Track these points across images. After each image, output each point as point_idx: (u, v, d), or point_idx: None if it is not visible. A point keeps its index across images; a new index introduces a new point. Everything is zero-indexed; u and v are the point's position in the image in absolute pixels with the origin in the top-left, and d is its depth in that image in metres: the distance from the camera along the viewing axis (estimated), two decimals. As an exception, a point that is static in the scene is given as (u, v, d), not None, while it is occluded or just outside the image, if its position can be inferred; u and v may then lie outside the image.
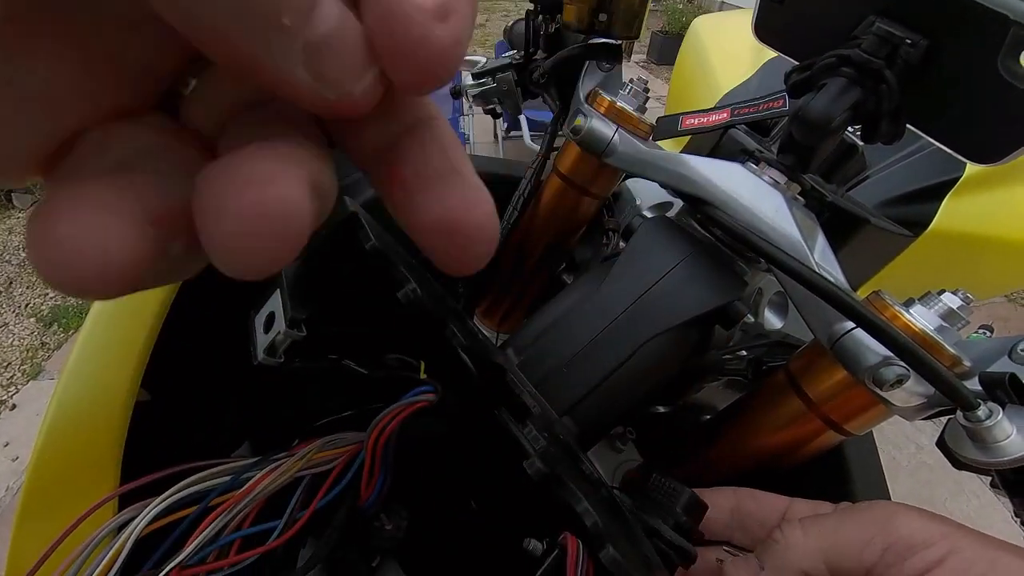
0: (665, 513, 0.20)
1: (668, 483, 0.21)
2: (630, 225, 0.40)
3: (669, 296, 0.29)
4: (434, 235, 0.10)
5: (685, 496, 0.21)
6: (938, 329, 0.24)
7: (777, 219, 0.29)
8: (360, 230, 0.20)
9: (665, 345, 0.28)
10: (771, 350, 0.34)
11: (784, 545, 0.21)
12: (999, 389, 0.23)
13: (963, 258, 0.57)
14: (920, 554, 0.19)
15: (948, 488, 1.24)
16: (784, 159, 0.30)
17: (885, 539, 0.19)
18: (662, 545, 0.20)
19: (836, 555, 0.20)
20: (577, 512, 0.14)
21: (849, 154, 0.39)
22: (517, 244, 0.42)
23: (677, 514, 0.20)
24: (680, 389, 0.39)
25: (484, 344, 0.23)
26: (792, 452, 0.29)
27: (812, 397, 0.27)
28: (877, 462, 0.36)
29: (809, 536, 0.21)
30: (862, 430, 0.27)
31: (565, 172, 0.38)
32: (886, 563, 0.19)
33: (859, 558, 0.20)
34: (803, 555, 0.20)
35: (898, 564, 0.19)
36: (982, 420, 0.22)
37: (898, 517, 0.20)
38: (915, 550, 0.19)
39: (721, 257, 0.31)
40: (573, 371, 0.28)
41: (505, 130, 2.36)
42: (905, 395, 0.24)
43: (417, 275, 0.21)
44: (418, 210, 0.10)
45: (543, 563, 0.17)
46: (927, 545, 0.19)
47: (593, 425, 0.28)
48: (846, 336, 0.26)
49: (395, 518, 0.23)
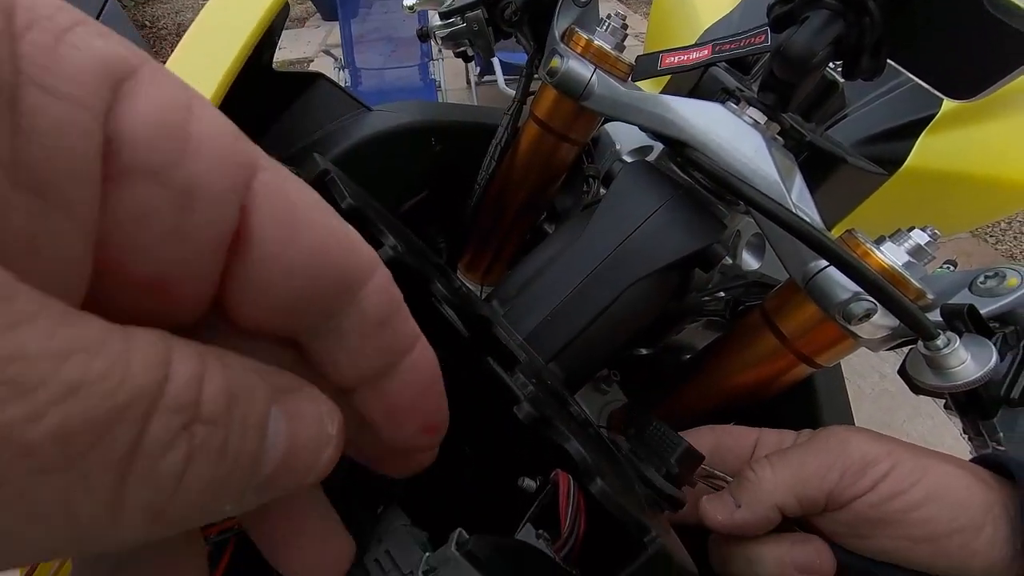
0: (659, 461, 0.21)
1: (665, 432, 0.22)
2: (610, 171, 0.39)
3: (650, 241, 0.29)
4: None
5: (681, 448, 0.21)
6: (906, 265, 0.25)
7: (756, 160, 0.29)
8: (334, 188, 0.20)
9: (647, 290, 0.29)
10: (748, 290, 0.35)
11: (757, 483, 0.23)
12: (958, 320, 0.24)
13: (934, 195, 0.58)
14: (869, 473, 0.21)
15: (906, 412, 1.34)
16: (764, 98, 0.30)
17: (842, 464, 0.22)
18: (652, 493, 0.21)
19: (802, 486, 0.22)
20: (567, 450, 0.15)
21: (829, 92, 0.38)
22: (496, 195, 0.41)
23: (671, 464, 0.21)
24: (661, 331, 0.40)
25: (469, 297, 0.23)
26: (767, 385, 0.31)
27: (786, 333, 0.29)
28: (843, 391, 0.38)
29: (778, 472, 0.23)
30: (831, 362, 0.29)
31: (542, 118, 0.37)
32: (843, 485, 0.21)
33: (821, 485, 0.22)
34: (774, 490, 0.22)
35: (852, 484, 0.21)
36: (940, 348, 0.24)
37: (850, 442, 0.22)
38: (865, 469, 0.21)
39: (701, 200, 0.31)
40: (558, 319, 0.28)
41: (478, 75, 2.25)
42: (872, 328, 0.26)
43: (397, 231, 0.20)
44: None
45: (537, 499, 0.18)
46: (875, 463, 0.21)
47: (579, 370, 0.29)
48: (819, 274, 0.26)
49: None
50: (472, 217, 0.41)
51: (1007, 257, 1.75)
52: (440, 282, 0.20)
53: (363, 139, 0.41)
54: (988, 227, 1.81)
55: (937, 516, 0.20)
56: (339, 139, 0.42)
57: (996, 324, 0.25)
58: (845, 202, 0.53)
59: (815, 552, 0.22)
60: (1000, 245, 1.79)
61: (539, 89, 0.37)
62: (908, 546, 0.20)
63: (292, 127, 0.44)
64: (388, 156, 0.43)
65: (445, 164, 0.45)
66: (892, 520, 0.21)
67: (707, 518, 0.24)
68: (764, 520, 0.23)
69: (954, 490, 0.20)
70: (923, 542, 0.20)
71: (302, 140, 0.43)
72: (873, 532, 0.21)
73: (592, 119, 0.37)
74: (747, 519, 0.23)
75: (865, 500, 0.21)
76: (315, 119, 0.44)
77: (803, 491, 0.22)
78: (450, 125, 0.45)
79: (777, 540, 0.23)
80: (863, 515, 0.21)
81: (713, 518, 0.23)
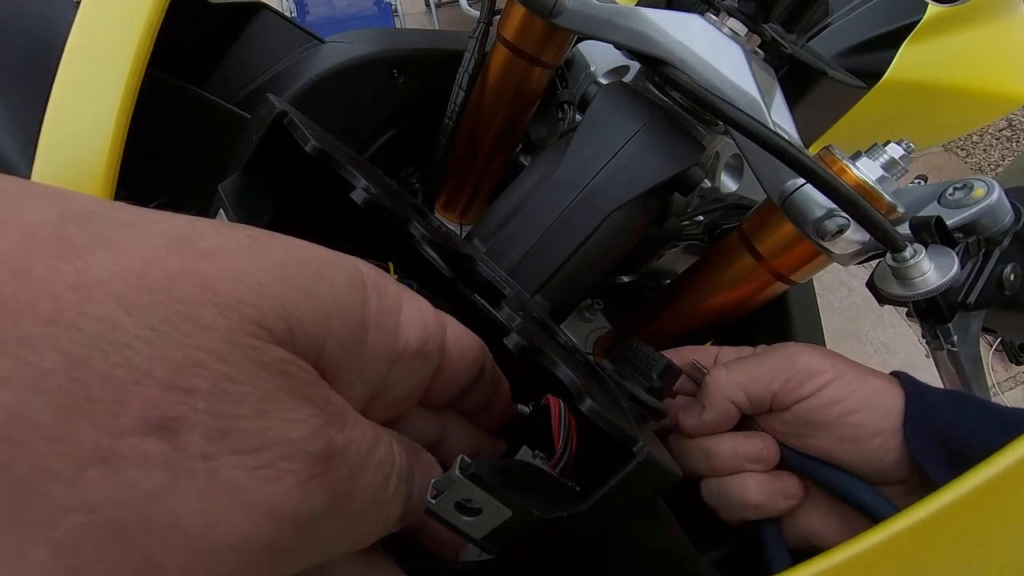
0: (642, 378, 0.23)
1: (647, 351, 0.24)
2: (585, 95, 0.38)
3: (629, 168, 0.29)
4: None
5: (661, 364, 0.23)
6: (879, 179, 0.25)
7: (735, 76, 0.28)
8: (294, 130, 0.18)
9: (628, 217, 0.29)
10: (727, 213, 0.35)
11: (714, 384, 0.26)
12: (925, 232, 0.25)
13: (912, 107, 0.58)
14: (812, 381, 0.24)
15: (871, 322, 1.42)
16: (745, 7, 0.28)
17: (788, 371, 0.24)
18: (637, 407, 0.22)
19: (752, 384, 0.25)
20: (557, 375, 0.16)
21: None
22: (468, 129, 0.40)
23: (653, 379, 0.23)
24: (642, 258, 0.40)
25: (450, 237, 0.23)
26: (744, 304, 0.32)
27: (763, 253, 0.29)
28: (815, 306, 0.40)
29: (731, 374, 0.25)
30: (805, 279, 0.30)
31: (511, 39, 0.35)
32: (787, 388, 0.24)
33: (768, 386, 0.24)
34: (727, 388, 0.25)
35: (796, 388, 0.24)
36: (907, 260, 0.25)
37: (799, 355, 0.25)
38: (809, 377, 0.24)
39: (679, 122, 0.30)
40: (540, 252, 0.28)
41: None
42: (845, 243, 0.26)
43: (367, 172, 0.19)
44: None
45: (531, 422, 0.19)
46: (819, 373, 0.24)
47: (564, 300, 0.30)
48: (796, 193, 0.27)
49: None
50: (444, 154, 0.39)
51: (976, 170, 1.78)
52: (419, 223, 0.19)
53: (318, 76, 0.38)
54: (959, 140, 1.83)
55: (865, 421, 0.23)
56: (291, 78, 0.38)
57: (960, 235, 0.26)
58: (825, 116, 0.53)
59: (762, 444, 0.25)
60: (970, 159, 1.82)
61: (505, 8, 0.35)
62: (836, 445, 0.24)
63: (237, 68, 0.40)
64: (347, 93, 0.39)
65: (411, 98, 0.42)
66: (828, 423, 0.23)
67: (683, 427, 0.27)
68: (724, 415, 0.25)
69: (882, 400, 0.23)
70: (849, 442, 0.23)
71: (250, 82, 0.39)
72: (811, 432, 0.24)
73: (564, 38, 0.35)
74: (710, 418, 0.26)
75: (806, 404, 0.24)
76: (262, 57, 0.40)
77: (752, 389, 0.25)
78: (412, 54, 0.41)
79: (731, 435, 0.26)
80: (803, 417, 0.24)
81: (687, 424, 0.26)
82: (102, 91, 0.25)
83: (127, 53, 0.26)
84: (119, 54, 0.26)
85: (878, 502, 0.23)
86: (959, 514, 0.17)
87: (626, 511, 0.15)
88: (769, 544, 0.25)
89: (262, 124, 0.19)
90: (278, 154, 0.20)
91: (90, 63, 0.26)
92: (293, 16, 1.90)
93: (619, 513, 0.15)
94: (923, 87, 0.55)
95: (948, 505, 0.17)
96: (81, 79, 0.26)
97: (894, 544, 0.17)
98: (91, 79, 0.26)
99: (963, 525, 0.17)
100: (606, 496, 0.14)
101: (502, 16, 0.35)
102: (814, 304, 0.40)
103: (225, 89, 0.38)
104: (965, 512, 0.17)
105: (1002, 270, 0.27)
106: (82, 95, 0.25)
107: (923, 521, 0.17)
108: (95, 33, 0.26)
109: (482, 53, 0.37)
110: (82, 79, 0.26)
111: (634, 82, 0.33)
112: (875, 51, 0.52)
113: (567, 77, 0.40)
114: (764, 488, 0.25)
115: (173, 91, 0.34)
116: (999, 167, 1.78)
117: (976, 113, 0.69)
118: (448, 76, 0.37)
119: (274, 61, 0.40)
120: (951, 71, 0.56)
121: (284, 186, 0.21)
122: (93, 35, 0.26)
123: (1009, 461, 0.16)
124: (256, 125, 0.20)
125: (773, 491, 0.25)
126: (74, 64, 0.26)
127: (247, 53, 0.40)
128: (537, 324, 0.20)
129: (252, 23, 0.40)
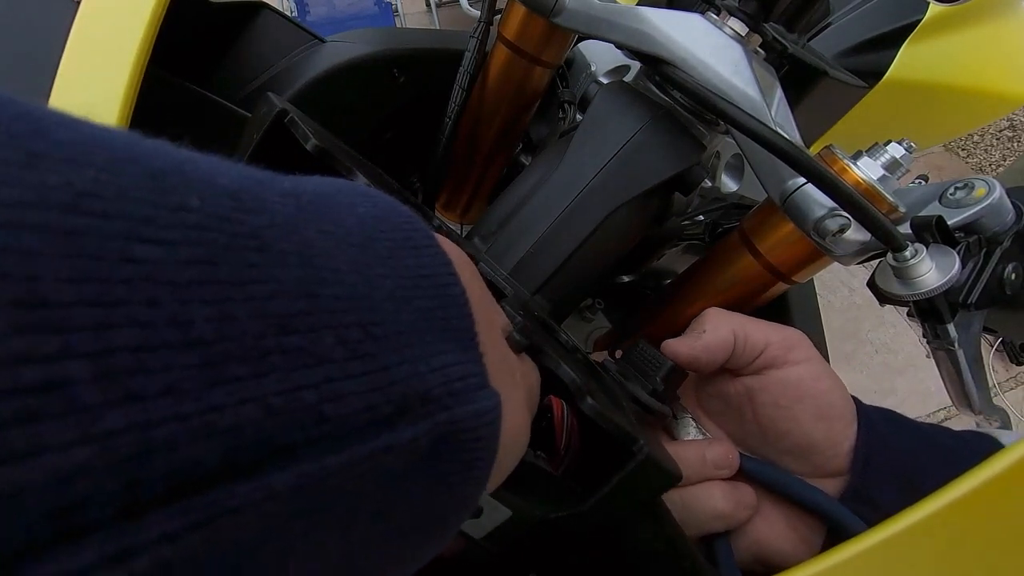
0: (645, 380, 0.23)
1: (651, 352, 0.24)
2: (586, 94, 0.38)
3: (629, 167, 0.29)
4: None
5: (667, 367, 0.23)
6: (880, 179, 0.25)
7: (736, 76, 0.28)
8: (295, 129, 0.19)
9: (628, 216, 0.29)
10: (727, 212, 0.35)
11: (717, 312, 0.27)
12: (926, 231, 0.25)
13: (913, 107, 0.58)
14: (798, 350, 0.25)
15: (871, 322, 1.42)
16: (746, 6, 0.28)
17: (783, 334, 0.26)
18: (639, 408, 0.22)
19: (751, 328, 0.26)
20: (558, 375, 0.16)
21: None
22: (468, 128, 0.40)
23: (656, 382, 0.22)
24: (642, 258, 0.40)
25: (450, 235, 0.23)
26: (745, 304, 0.32)
27: (763, 253, 0.29)
28: (815, 305, 0.40)
29: (735, 315, 0.27)
30: (806, 278, 0.30)
31: (512, 39, 0.35)
32: (781, 347, 0.25)
33: (766, 336, 0.25)
34: (732, 318, 0.26)
35: (784, 353, 0.25)
36: (908, 259, 0.24)
37: (792, 330, 0.27)
38: (792, 348, 0.25)
39: (680, 121, 0.30)
40: (541, 251, 0.28)
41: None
42: (846, 243, 0.26)
43: (368, 172, 0.19)
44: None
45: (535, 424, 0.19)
46: (807, 349, 0.26)
47: (564, 300, 0.30)
48: (797, 192, 0.27)
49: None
50: (445, 153, 0.39)
51: (977, 170, 1.78)
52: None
53: (318, 75, 0.38)
54: (960, 140, 1.82)
55: (836, 403, 0.24)
56: (292, 77, 0.38)
57: (962, 234, 0.26)
58: (826, 116, 0.53)
59: (726, 451, 0.26)
60: (971, 158, 1.81)
61: (506, 7, 0.35)
62: (791, 427, 0.24)
63: (238, 67, 0.40)
64: (348, 93, 0.39)
65: (411, 97, 0.42)
66: (801, 397, 0.24)
67: (677, 354, 0.25)
68: (722, 344, 0.25)
69: (845, 396, 0.25)
70: (809, 422, 0.24)
71: (251, 81, 0.39)
72: (777, 404, 0.25)
73: (565, 38, 0.35)
74: (710, 339, 0.25)
75: (792, 371, 0.25)
76: (263, 56, 0.40)
77: (752, 332, 0.25)
78: (412, 53, 0.41)
79: (696, 443, 0.26)
80: (781, 382, 0.25)
81: (681, 350, 0.25)
82: (103, 90, 0.25)
83: (128, 52, 0.26)
84: (120, 53, 0.26)
85: (830, 504, 0.23)
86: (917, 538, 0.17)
87: (627, 511, 0.15)
88: (722, 560, 0.24)
89: (263, 123, 0.19)
90: (279, 153, 0.20)
91: (91, 62, 0.26)
92: (294, 15, 1.89)
93: (620, 513, 0.15)
94: (924, 87, 0.55)
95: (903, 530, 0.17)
96: (82, 78, 0.26)
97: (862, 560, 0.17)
98: (92, 78, 0.26)
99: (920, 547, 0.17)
100: (607, 496, 0.15)
101: (503, 16, 0.35)
102: (815, 304, 0.40)
103: (226, 88, 0.38)
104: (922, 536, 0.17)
105: (1003, 270, 0.27)
106: (83, 94, 0.25)
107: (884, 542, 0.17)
108: (96, 32, 0.26)
109: (483, 53, 0.37)
110: (83, 78, 0.26)
111: (635, 82, 0.33)
112: (876, 51, 0.52)
113: (568, 76, 0.40)
114: (730, 496, 0.24)
115: (174, 90, 0.34)
116: (1000, 167, 1.78)
117: (977, 113, 0.69)
118: (449, 76, 0.37)
119: (275, 60, 0.40)
120: (952, 71, 0.56)
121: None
122: (94, 34, 0.26)
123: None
124: (257, 124, 0.20)
125: (738, 500, 0.24)
126: (74, 63, 0.26)
127: (248, 52, 0.40)
128: (538, 323, 0.20)
129: (253, 22, 0.40)
